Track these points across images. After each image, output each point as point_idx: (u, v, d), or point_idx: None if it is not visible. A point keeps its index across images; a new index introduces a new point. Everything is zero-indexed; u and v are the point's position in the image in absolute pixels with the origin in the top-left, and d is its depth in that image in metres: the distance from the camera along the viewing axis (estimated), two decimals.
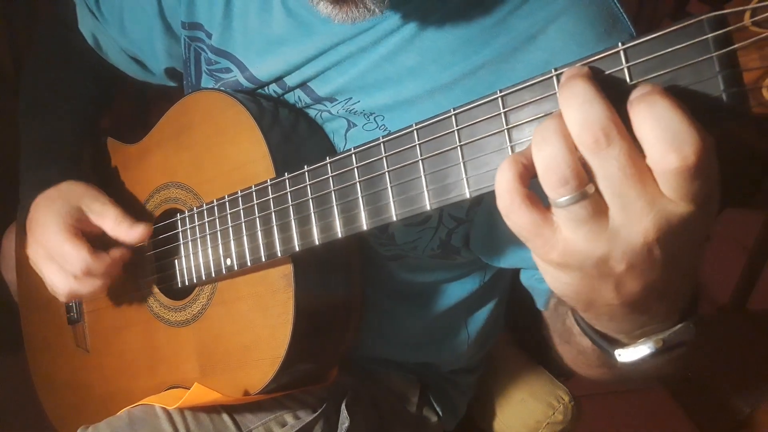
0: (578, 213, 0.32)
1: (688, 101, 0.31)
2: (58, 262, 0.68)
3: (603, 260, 0.33)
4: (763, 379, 1.53)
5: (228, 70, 0.72)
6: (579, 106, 0.31)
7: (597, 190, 0.32)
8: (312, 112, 0.67)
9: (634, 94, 0.31)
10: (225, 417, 0.68)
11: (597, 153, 0.31)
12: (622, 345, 0.41)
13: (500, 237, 0.63)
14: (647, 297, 0.36)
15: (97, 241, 0.69)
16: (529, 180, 0.33)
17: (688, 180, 0.30)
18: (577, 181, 0.31)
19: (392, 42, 0.60)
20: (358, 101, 0.63)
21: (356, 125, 0.64)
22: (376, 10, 0.54)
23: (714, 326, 1.74)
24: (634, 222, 0.32)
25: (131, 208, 0.78)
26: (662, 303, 0.37)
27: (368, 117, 0.63)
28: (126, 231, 0.68)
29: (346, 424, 0.71)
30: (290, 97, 0.68)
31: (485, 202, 0.61)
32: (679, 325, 0.40)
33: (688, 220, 0.32)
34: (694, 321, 0.40)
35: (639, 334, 0.40)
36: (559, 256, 0.34)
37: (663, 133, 0.29)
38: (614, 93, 0.32)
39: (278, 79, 0.67)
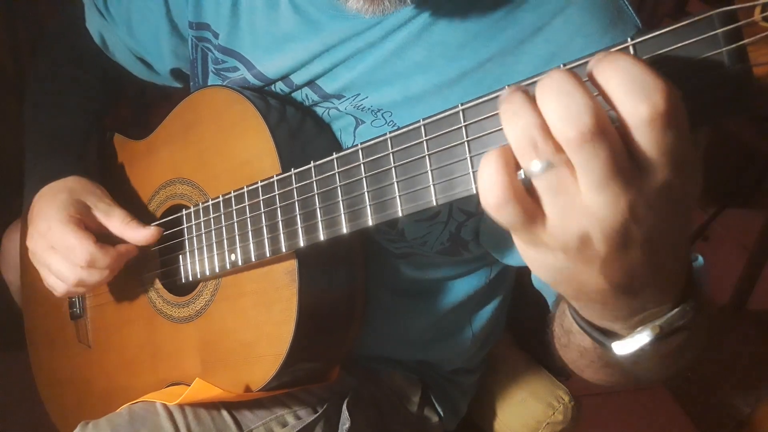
0: (551, 181, 0.31)
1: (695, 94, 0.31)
2: (62, 253, 0.68)
3: (584, 240, 0.32)
4: (763, 379, 1.54)
5: (235, 69, 0.72)
6: (557, 98, 0.30)
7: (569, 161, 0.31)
8: (319, 110, 0.67)
9: (595, 59, 0.31)
10: (225, 415, 0.68)
11: (578, 149, 0.30)
12: (620, 337, 0.40)
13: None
14: (636, 278, 0.34)
15: (99, 238, 0.69)
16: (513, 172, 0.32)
17: (663, 130, 0.29)
18: (548, 148, 0.30)
19: (399, 37, 0.59)
20: (366, 97, 0.63)
21: (364, 122, 0.64)
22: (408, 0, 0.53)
23: (714, 326, 1.74)
24: (611, 202, 0.31)
25: (137, 203, 0.78)
26: (654, 285, 0.36)
27: (376, 113, 0.63)
28: (134, 231, 0.68)
29: (347, 425, 0.71)
30: (297, 95, 0.68)
31: None
32: (676, 309, 0.38)
33: (668, 189, 0.31)
34: (692, 305, 0.38)
35: (636, 322, 0.38)
36: (542, 235, 0.33)
37: (631, 85, 0.29)
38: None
39: (285, 77, 0.67)
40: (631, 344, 0.39)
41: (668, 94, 0.29)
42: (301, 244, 0.53)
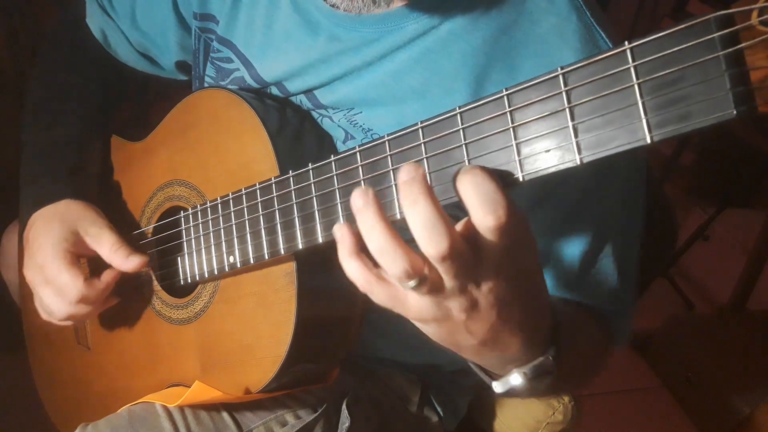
0: (420, 291, 0.39)
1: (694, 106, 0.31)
2: (55, 288, 0.69)
3: (447, 315, 0.41)
4: (763, 379, 1.54)
5: (229, 60, 0.72)
6: (421, 228, 0.37)
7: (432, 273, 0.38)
8: (314, 116, 0.68)
9: (460, 170, 0.37)
10: (225, 416, 0.68)
11: (436, 263, 0.38)
12: (498, 377, 0.48)
13: None
14: (497, 336, 0.43)
15: (93, 262, 0.70)
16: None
17: (502, 237, 0.36)
18: (416, 273, 0.38)
19: (399, 59, 0.60)
20: (360, 112, 0.64)
21: (354, 138, 0.65)
22: (382, 3, 0.54)
23: (714, 326, 1.75)
24: (462, 290, 0.39)
25: (134, 205, 0.78)
26: (515, 340, 0.44)
27: (367, 132, 0.64)
28: (122, 260, 0.69)
29: (347, 424, 0.71)
30: (293, 100, 0.69)
31: None
32: (538, 359, 0.46)
33: (498, 274, 0.39)
34: (552, 354, 0.46)
35: (510, 368, 0.47)
36: (415, 315, 0.42)
37: (482, 198, 0.36)
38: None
39: (279, 83, 0.68)
40: (503, 386, 0.47)
41: (509, 210, 0.35)
42: (300, 246, 0.53)
